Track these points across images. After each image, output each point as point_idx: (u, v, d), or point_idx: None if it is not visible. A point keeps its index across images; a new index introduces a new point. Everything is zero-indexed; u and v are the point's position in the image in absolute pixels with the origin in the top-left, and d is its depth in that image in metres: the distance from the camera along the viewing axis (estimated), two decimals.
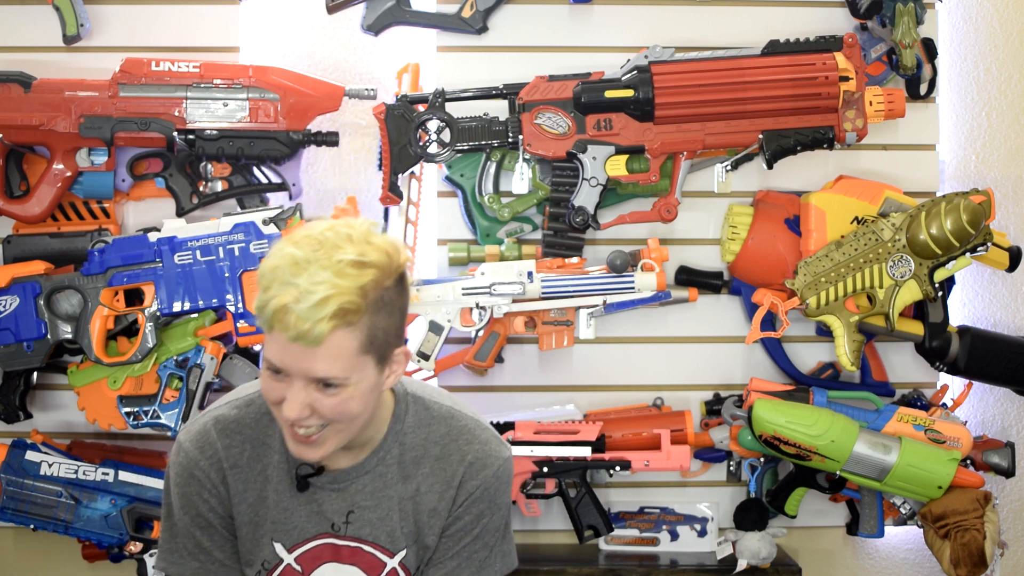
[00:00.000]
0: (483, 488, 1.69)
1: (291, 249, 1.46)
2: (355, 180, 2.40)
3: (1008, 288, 2.47)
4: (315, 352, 1.45)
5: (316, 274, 1.43)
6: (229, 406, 1.68)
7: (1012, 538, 2.50)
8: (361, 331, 1.47)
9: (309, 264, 1.44)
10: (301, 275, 1.43)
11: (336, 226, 1.49)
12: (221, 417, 1.66)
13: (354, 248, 1.47)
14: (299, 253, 1.45)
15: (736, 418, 2.29)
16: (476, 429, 1.71)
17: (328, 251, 1.45)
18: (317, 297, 1.42)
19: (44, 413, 2.35)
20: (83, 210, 2.31)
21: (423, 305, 2.22)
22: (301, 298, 1.42)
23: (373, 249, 1.48)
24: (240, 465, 1.65)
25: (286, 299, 1.43)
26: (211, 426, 1.65)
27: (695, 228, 2.39)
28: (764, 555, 2.28)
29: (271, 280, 1.45)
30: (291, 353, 1.46)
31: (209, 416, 1.67)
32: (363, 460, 1.65)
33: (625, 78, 2.21)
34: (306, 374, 1.47)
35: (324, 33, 2.40)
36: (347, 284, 1.44)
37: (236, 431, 1.66)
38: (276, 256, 1.47)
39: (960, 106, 2.46)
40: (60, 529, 2.19)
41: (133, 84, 2.19)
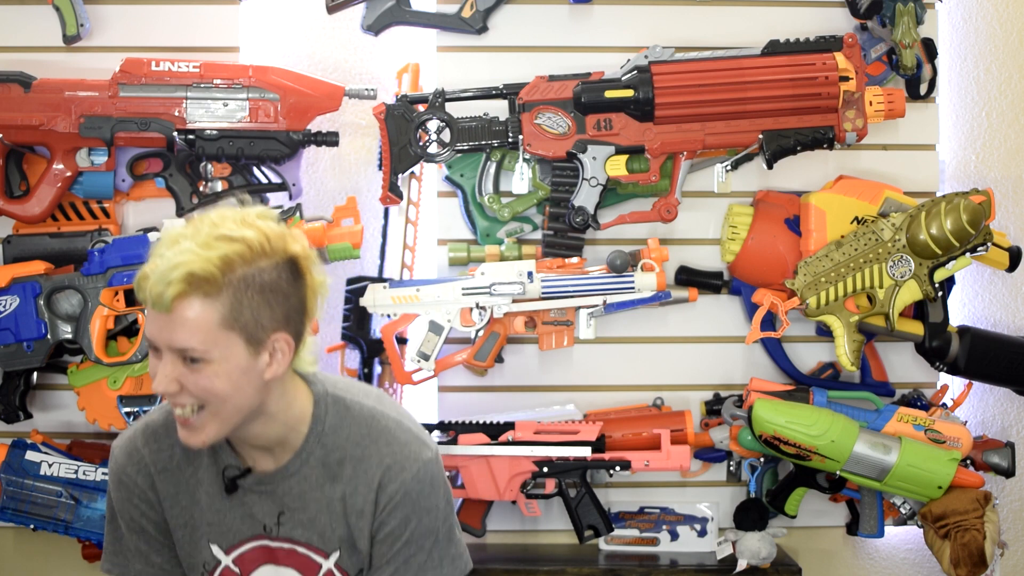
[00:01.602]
0: (403, 492, 1.64)
1: (177, 228, 1.51)
2: (355, 180, 2.40)
3: (1008, 288, 2.47)
4: (172, 320, 1.47)
5: (182, 244, 1.47)
6: (160, 411, 1.70)
7: (1012, 538, 2.50)
8: (223, 305, 1.48)
9: (183, 239, 1.48)
10: (172, 247, 1.47)
11: (236, 210, 1.54)
12: (150, 423, 1.69)
13: (232, 225, 1.50)
14: (180, 231, 1.50)
15: (736, 418, 2.29)
16: (396, 430, 1.67)
17: (207, 227, 1.49)
18: (170, 264, 1.46)
19: (44, 413, 2.35)
20: (83, 210, 2.31)
21: (423, 305, 2.22)
22: (160, 265, 1.46)
23: (251, 229, 1.51)
24: (170, 469, 1.66)
25: (147, 268, 1.47)
26: (140, 432, 1.68)
27: (695, 228, 2.39)
28: (764, 555, 2.28)
29: (151, 255, 1.49)
30: (156, 324, 1.49)
31: (141, 422, 1.70)
32: (287, 463, 1.65)
33: (625, 78, 2.21)
34: (168, 344, 1.49)
35: (324, 33, 2.40)
36: (206, 254, 1.47)
37: (164, 435, 1.67)
38: (163, 234, 1.52)
39: (960, 106, 2.46)
40: (60, 529, 2.19)
41: (133, 84, 2.19)
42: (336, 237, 2.20)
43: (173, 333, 1.48)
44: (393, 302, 2.22)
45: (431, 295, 2.22)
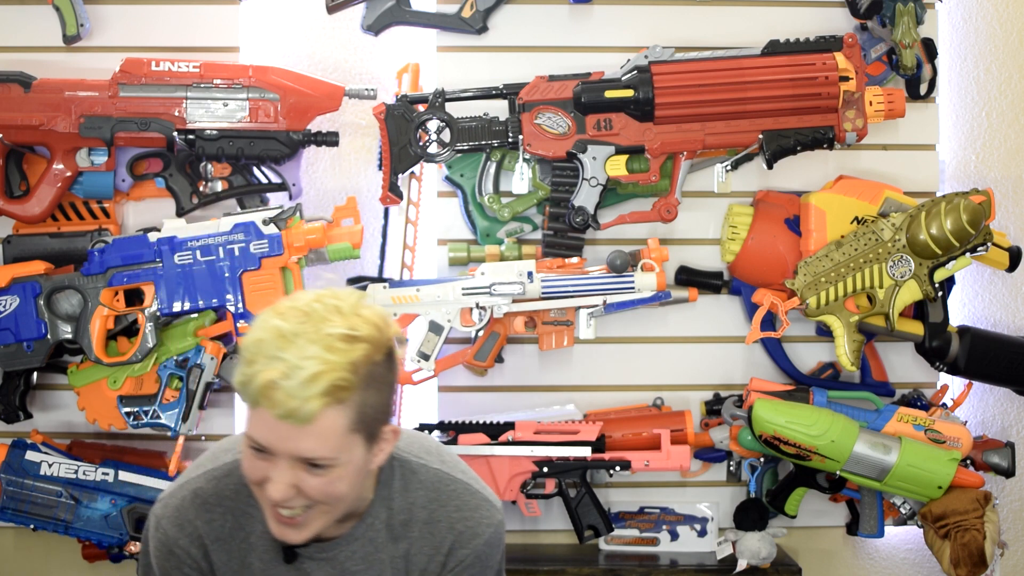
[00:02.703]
0: (474, 556, 1.63)
1: (276, 321, 1.40)
2: (355, 180, 2.40)
3: (1008, 288, 2.47)
4: (303, 431, 1.39)
5: (304, 348, 1.37)
6: (206, 477, 1.60)
7: (1012, 538, 2.50)
8: (351, 409, 1.41)
9: (296, 337, 1.38)
10: (288, 349, 1.37)
11: (323, 297, 1.44)
12: (199, 491, 1.59)
13: (343, 321, 1.41)
14: (285, 326, 1.39)
15: (736, 418, 2.29)
16: (466, 495, 1.64)
17: (316, 324, 1.40)
18: (306, 373, 1.36)
19: (44, 413, 2.35)
20: (83, 210, 2.31)
21: (423, 305, 2.22)
22: (290, 374, 1.36)
23: (363, 322, 1.43)
24: (222, 537, 1.59)
25: (273, 375, 1.36)
26: (189, 501, 1.58)
27: (695, 228, 2.40)
28: (764, 555, 2.28)
29: (255, 353, 1.39)
30: (277, 432, 1.40)
31: (187, 490, 1.60)
32: (351, 529, 1.60)
33: (625, 78, 2.21)
34: (292, 453, 1.41)
35: (324, 33, 2.40)
36: (337, 359, 1.38)
37: (216, 504, 1.59)
38: (260, 329, 1.41)
39: (960, 106, 2.46)
40: (60, 529, 2.19)
41: (133, 84, 2.19)
42: (336, 237, 2.20)
43: (300, 443, 1.40)
44: (393, 302, 2.22)
45: (431, 295, 2.22)
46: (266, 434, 1.41)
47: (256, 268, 2.13)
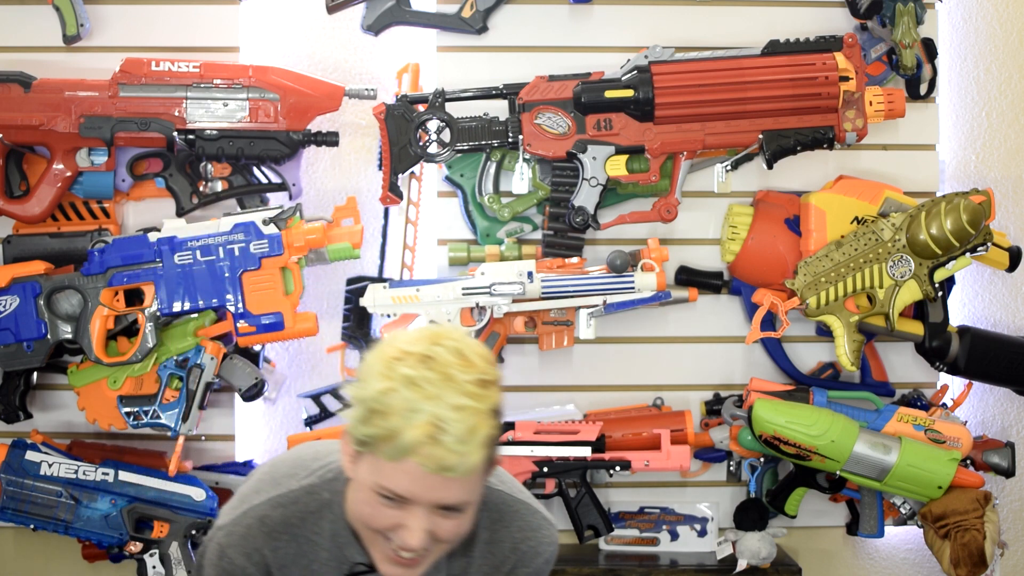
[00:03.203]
0: (536, 573, 1.65)
1: (403, 370, 1.37)
2: (355, 180, 2.40)
3: (1008, 288, 2.47)
4: (454, 481, 1.38)
5: (449, 399, 1.35)
6: (272, 504, 1.56)
7: (1012, 538, 2.50)
8: (488, 450, 1.40)
9: (431, 386, 1.36)
10: (430, 401, 1.35)
11: (436, 338, 1.41)
12: (266, 518, 1.55)
13: (472, 366, 1.39)
14: (414, 373, 1.36)
15: (736, 418, 2.29)
16: (528, 515, 1.64)
17: (446, 369, 1.37)
18: (463, 427, 1.35)
19: (44, 413, 2.35)
20: (83, 210, 2.31)
21: (423, 305, 2.22)
22: (445, 428, 1.34)
23: (485, 362, 1.41)
24: (286, 564, 1.57)
25: (426, 429, 1.34)
26: (256, 529, 1.55)
27: (695, 228, 2.39)
28: (764, 555, 2.28)
29: (388, 406, 1.36)
30: (424, 483, 1.38)
31: (252, 517, 1.56)
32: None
33: (625, 78, 2.21)
34: (438, 503, 1.40)
35: (324, 33, 2.40)
36: (483, 407, 1.37)
37: (283, 531, 1.56)
38: (383, 377, 1.37)
39: (960, 106, 2.46)
40: (60, 529, 2.19)
41: (133, 84, 2.19)
42: (336, 237, 2.20)
43: (448, 492, 1.39)
44: (393, 302, 2.22)
45: (431, 295, 2.22)
46: (409, 486, 1.39)
47: (256, 268, 2.13)
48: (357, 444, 1.42)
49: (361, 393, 1.40)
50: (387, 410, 1.36)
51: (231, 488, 2.27)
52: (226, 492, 2.26)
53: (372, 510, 1.44)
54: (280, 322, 2.13)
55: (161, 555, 2.21)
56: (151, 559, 2.21)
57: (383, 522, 1.44)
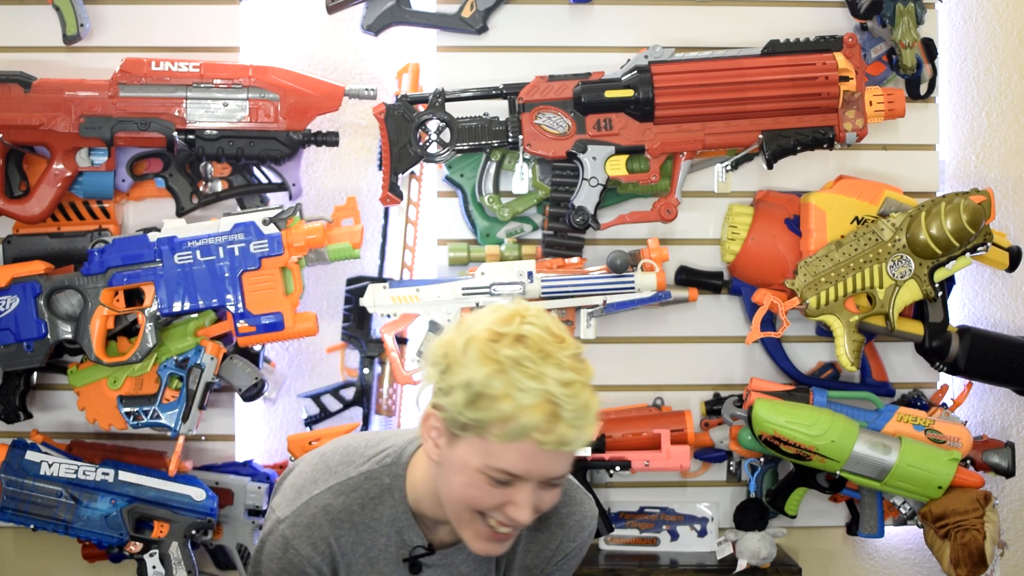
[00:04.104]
0: (579, 547, 1.69)
1: (506, 351, 1.40)
2: (355, 180, 2.40)
3: (1008, 288, 2.47)
4: (566, 455, 1.44)
5: (557, 375, 1.38)
6: (333, 492, 1.59)
7: (1012, 538, 2.50)
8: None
9: (533, 364, 1.39)
10: (538, 379, 1.38)
11: (521, 317, 1.43)
12: (329, 506, 1.57)
13: (563, 342, 1.43)
14: (514, 353, 1.39)
15: (736, 418, 2.29)
16: (572, 490, 1.68)
17: (543, 347, 1.40)
18: (579, 402, 1.39)
19: (44, 413, 2.35)
20: (83, 210, 2.31)
21: (423, 305, 2.22)
22: (562, 404, 1.38)
23: (571, 337, 1.45)
24: (347, 552, 1.59)
25: (545, 408, 1.38)
26: (321, 518, 1.57)
27: (695, 228, 2.40)
28: (764, 555, 2.28)
29: (499, 388, 1.38)
30: (540, 460, 1.42)
31: (315, 507, 1.58)
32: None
33: (625, 78, 2.21)
34: (548, 477, 1.44)
35: (324, 33, 2.40)
36: (588, 380, 1.42)
37: (345, 519, 1.58)
38: (488, 360, 1.40)
39: (960, 106, 2.46)
40: (60, 529, 2.19)
41: (133, 84, 2.19)
42: (336, 237, 2.20)
43: (560, 466, 1.44)
44: (393, 302, 2.22)
45: (431, 295, 2.22)
46: (525, 464, 1.42)
47: (256, 268, 2.13)
48: (458, 428, 1.43)
49: (461, 378, 1.41)
50: (497, 393, 1.38)
51: (231, 488, 2.27)
52: (226, 492, 2.26)
53: (478, 491, 1.45)
54: (280, 322, 2.13)
55: (161, 555, 2.21)
56: (151, 559, 2.21)
57: (489, 502, 1.45)
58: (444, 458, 1.49)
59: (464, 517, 1.51)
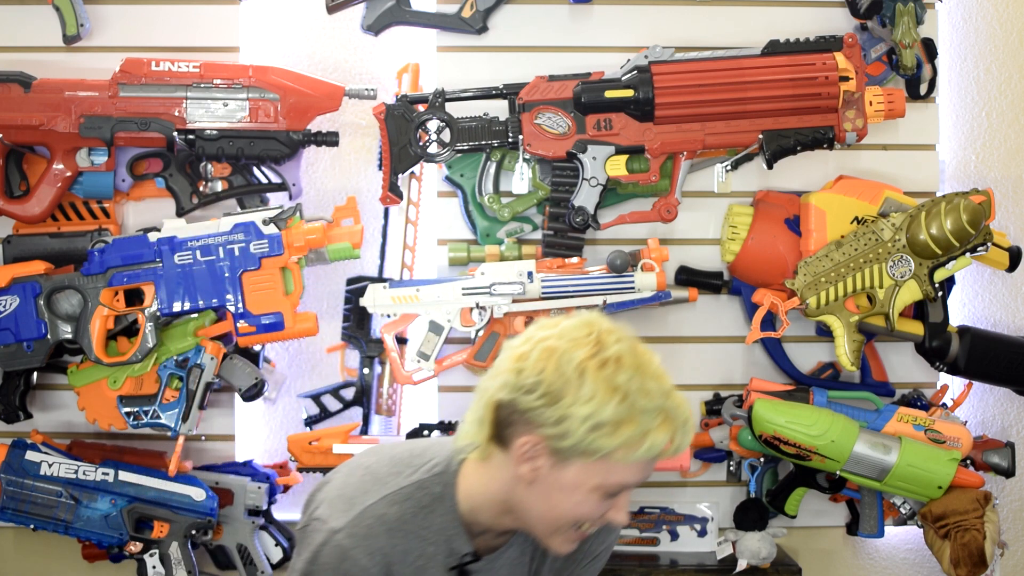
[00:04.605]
0: (607, 549, 1.74)
1: (620, 378, 1.45)
2: (355, 180, 2.40)
3: (1008, 288, 2.47)
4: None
5: (658, 387, 1.47)
6: (387, 502, 1.59)
7: (1012, 538, 2.50)
8: None
9: (640, 382, 1.46)
10: (649, 397, 1.46)
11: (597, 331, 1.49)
12: (384, 516, 1.58)
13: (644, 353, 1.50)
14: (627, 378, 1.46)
15: (736, 418, 2.29)
16: None
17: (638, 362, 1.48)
18: (686, 411, 1.49)
19: (44, 413, 2.35)
20: (83, 210, 2.31)
21: (423, 305, 2.22)
22: (676, 416, 1.47)
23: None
24: (398, 561, 1.60)
25: (668, 426, 1.46)
26: (378, 528, 1.57)
27: (695, 228, 2.39)
28: (764, 555, 2.28)
29: (625, 415, 1.45)
30: (649, 468, 1.52)
31: (370, 517, 1.58)
32: (508, 540, 1.67)
33: (625, 78, 2.21)
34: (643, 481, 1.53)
35: (324, 33, 2.40)
36: (673, 384, 1.50)
37: (399, 528, 1.59)
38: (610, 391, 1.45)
39: (960, 106, 2.46)
40: (60, 529, 2.19)
41: (133, 84, 2.19)
42: (336, 237, 2.20)
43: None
44: (393, 302, 2.22)
45: (431, 295, 2.22)
46: (642, 474, 1.51)
47: (256, 268, 2.13)
48: (577, 455, 1.47)
49: (585, 410, 1.44)
50: (623, 419, 1.44)
51: (231, 488, 2.27)
52: (226, 492, 2.26)
53: (589, 508, 1.51)
54: (280, 322, 2.13)
55: (161, 555, 2.21)
56: (151, 559, 2.21)
57: (597, 514, 1.52)
58: (544, 479, 1.51)
59: (559, 529, 1.54)
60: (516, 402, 1.49)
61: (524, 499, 1.54)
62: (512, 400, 1.50)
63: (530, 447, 1.49)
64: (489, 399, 1.54)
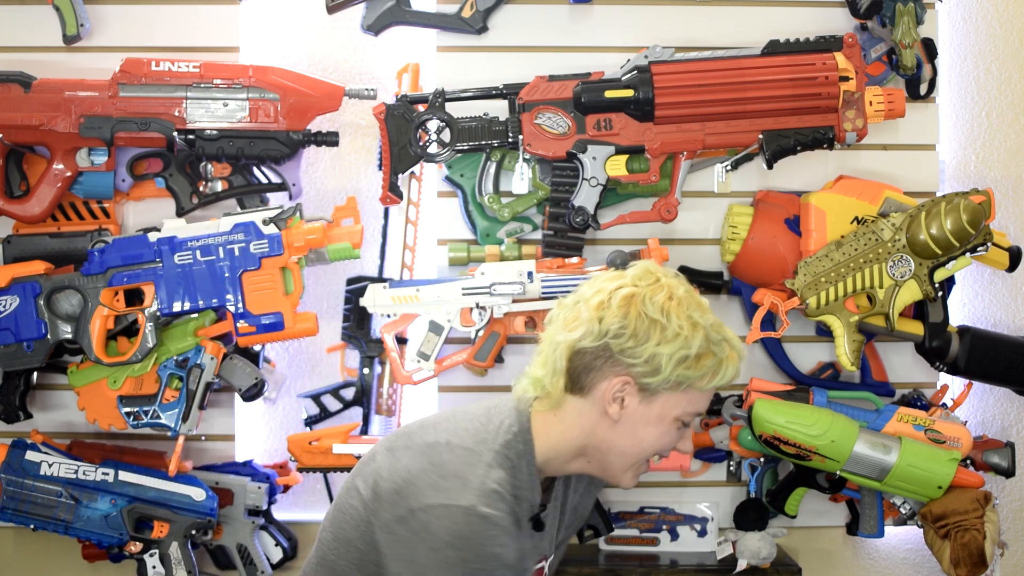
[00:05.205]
0: (599, 485, 1.88)
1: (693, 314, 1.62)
2: (355, 180, 2.40)
3: (1008, 288, 2.47)
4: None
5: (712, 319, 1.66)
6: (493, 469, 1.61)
7: (1012, 538, 2.50)
8: None
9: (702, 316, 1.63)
10: (714, 328, 1.64)
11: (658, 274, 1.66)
12: (501, 481, 1.60)
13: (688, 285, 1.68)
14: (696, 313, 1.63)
15: (736, 418, 2.29)
16: None
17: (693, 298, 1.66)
18: (736, 337, 1.68)
19: (44, 413, 2.35)
20: (83, 210, 2.31)
21: (423, 305, 2.22)
22: (735, 344, 1.66)
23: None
24: (519, 520, 1.66)
25: (735, 354, 1.65)
26: (502, 492, 1.60)
27: (695, 228, 2.39)
28: (764, 555, 2.28)
29: (703, 347, 1.61)
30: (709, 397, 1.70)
31: (489, 485, 1.59)
32: (555, 489, 1.78)
33: (625, 78, 2.21)
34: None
35: (324, 33, 2.40)
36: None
37: (510, 489, 1.63)
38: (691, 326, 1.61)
39: (960, 106, 2.46)
40: (60, 529, 2.19)
41: (133, 84, 2.19)
42: (336, 237, 2.20)
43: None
44: (393, 302, 2.22)
45: (431, 295, 2.22)
46: (707, 404, 1.71)
47: (256, 268, 2.13)
48: (667, 387, 1.62)
49: (674, 345, 1.60)
50: (704, 351, 1.61)
51: (231, 488, 2.27)
52: (226, 492, 2.26)
53: (670, 437, 1.67)
54: (280, 322, 2.13)
55: (161, 555, 2.21)
56: (151, 559, 2.21)
57: (673, 443, 1.68)
58: (631, 416, 1.64)
59: (637, 461, 1.69)
60: (603, 348, 1.61)
61: (607, 439, 1.65)
62: (597, 346, 1.61)
63: (620, 386, 1.61)
64: (568, 348, 1.64)
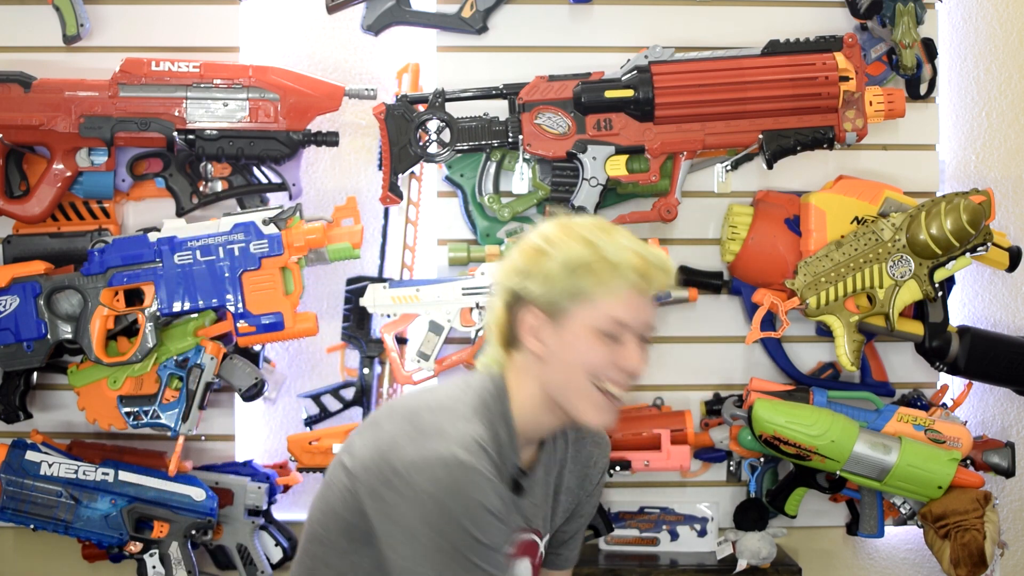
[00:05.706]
0: (605, 463, 1.81)
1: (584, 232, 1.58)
2: (355, 180, 2.40)
3: (1008, 288, 2.47)
4: (654, 305, 1.61)
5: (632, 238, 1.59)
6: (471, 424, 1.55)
7: (1012, 538, 2.50)
8: None
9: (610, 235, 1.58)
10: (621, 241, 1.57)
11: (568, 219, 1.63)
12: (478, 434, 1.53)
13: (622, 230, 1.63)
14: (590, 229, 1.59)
15: (736, 418, 2.29)
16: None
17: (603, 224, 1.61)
18: (661, 253, 1.60)
19: (44, 413, 2.35)
20: (83, 210, 2.31)
21: (423, 305, 2.22)
22: (649, 255, 1.57)
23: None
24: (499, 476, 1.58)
25: (640, 258, 1.56)
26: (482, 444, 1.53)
27: (695, 228, 2.39)
28: (764, 555, 2.28)
29: (596, 254, 1.54)
30: (639, 307, 1.58)
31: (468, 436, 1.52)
32: (540, 455, 1.71)
33: (625, 78, 2.21)
34: (647, 324, 1.60)
35: (324, 33, 2.40)
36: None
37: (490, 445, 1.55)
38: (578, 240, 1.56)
39: (960, 106, 2.46)
40: (60, 529, 2.19)
41: (133, 84, 2.19)
42: (336, 237, 2.20)
43: (653, 314, 1.61)
44: (393, 302, 2.22)
45: (431, 295, 2.22)
46: (633, 312, 1.58)
47: (256, 268, 2.13)
48: (568, 300, 1.56)
49: (557, 262, 1.56)
50: (595, 258, 1.55)
51: (231, 488, 2.27)
52: (226, 492, 2.26)
53: (596, 352, 1.57)
54: (280, 322, 2.13)
55: (161, 555, 2.21)
56: (151, 559, 2.21)
57: (606, 359, 1.57)
58: (552, 345, 1.58)
59: (582, 389, 1.58)
60: (512, 296, 1.60)
61: (549, 380, 1.60)
62: (509, 299, 1.61)
63: (531, 321, 1.58)
64: (493, 311, 1.64)
